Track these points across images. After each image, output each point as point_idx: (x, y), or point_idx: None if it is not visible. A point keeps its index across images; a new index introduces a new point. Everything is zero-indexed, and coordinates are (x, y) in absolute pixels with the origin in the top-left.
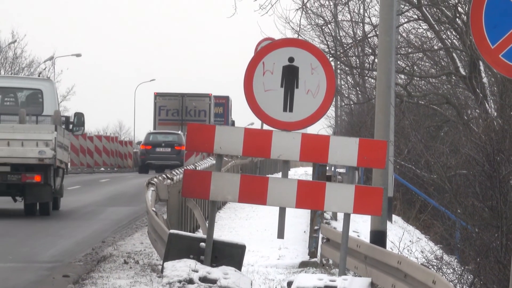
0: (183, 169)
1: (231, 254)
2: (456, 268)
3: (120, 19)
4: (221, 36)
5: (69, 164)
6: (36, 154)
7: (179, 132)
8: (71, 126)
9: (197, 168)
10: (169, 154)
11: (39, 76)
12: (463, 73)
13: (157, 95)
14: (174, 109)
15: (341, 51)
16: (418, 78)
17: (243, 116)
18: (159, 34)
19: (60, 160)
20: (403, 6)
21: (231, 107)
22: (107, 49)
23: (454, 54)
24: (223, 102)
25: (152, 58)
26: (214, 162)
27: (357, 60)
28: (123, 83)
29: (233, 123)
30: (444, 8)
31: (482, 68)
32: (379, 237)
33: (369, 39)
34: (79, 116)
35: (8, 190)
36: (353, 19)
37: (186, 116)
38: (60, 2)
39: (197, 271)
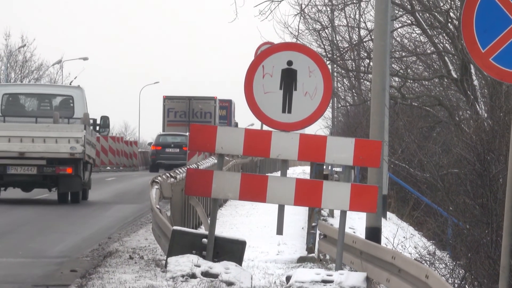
0: (186, 168)
1: (232, 250)
2: (448, 263)
3: (125, 24)
4: (222, 40)
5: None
6: (68, 149)
7: (187, 134)
8: (97, 127)
9: (200, 167)
10: (177, 154)
11: (70, 84)
12: (455, 76)
13: (166, 98)
14: (182, 111)
15: (337, 54)
16: (411, 81)
17: (243, 117)
18: (162, 38)
19: (88, 155)
20: (397, 12)
21: (234, 110)
22: (113, 53)
23: (446, 58)
24: (226, 105)
25: (156, 61)
26: (216, 161)
27: (353, 63)
28: (128, 85)
29: (236, 125)
30: (436, 14)
31: (473, 71)
32: (374, 233)
33: (364, 43)
34: (105, 119)
35: (44, 181)
36: (349, 24)
37: (193, 117)
38: (67, 8)
39: (199, 266)
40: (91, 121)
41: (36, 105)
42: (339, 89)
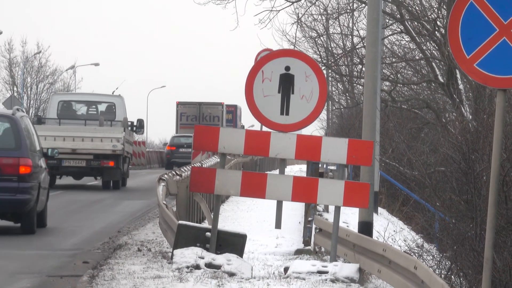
0: (190, 167)
1: (233, 243)
2: (435, 255)
3: (134, 33)
4: (224, 47)
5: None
6: (111, 147)
7: None
8: (134, 128)
9: (203, 166)
10: (189, 153)
11: (113, 93)
12: (442, 80)
13: (179, 104)
14: (193, 115)
15: (332, 60)
16: (401, 85)
17: (244, 118)
18: (168, 45)
19: (127, 151)
20: (387, 20)
21: (240, 114)
22: (122, 59)
23: (433, 64)
24: (232, 110)
25: (162, 66)
26: (219, 160)
27: (347, 68)
28: (136, 89)
29: (242, 128)
30: (424, 22)
31: (458, 76)
32: (366, 227)
33: (357, 50)
34: (141, 121)
35: (91, 171)
36: (343, 32)
37: (203, 121)
38: (80, 17)
39: (203, 258)
40: (129, 123)
41: (85, 110)
42: (334, 92)
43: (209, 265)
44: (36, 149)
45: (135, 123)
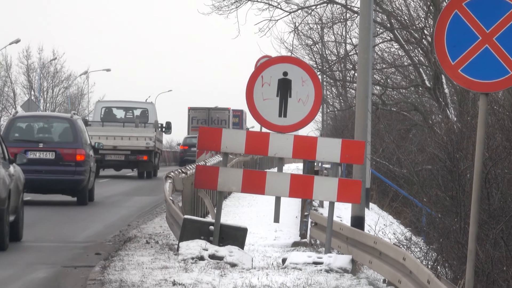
0: (195, 165)
1: (235, 236)
2: (422, 247)
3: (143, 39)
4: (227, 53)
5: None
6: (144, 144)
7: None
8: (163, 129)
9: (207, 164)
10: None
11: (146, 101)
12: (428, 85)
13: (190, 109)
14: (203, 119)
15: (327, 66)
16: (391, 89)
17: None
18: (174, 52)
19: (157, 148)
20: (378, 29)
21: (246, 118)
22: (132, 65)
23: (421, 69)
24: (239, 114)
25: (169, 72)
26: (221, 159)
27: (340, 74)
28: (145, 93)
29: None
30: (412, 31)
31: (444, 81)
32: (358, 221)
33: (350, 57)
34: (168, 124)
35: (129, 164)
36: (337, 40)
37: (211, 124)
38: (93, 26)
39: (207, 250)
40: (159, 125)
41: (123, 115)
42: (328, 96)
43: (212, 257)
44: (87, 143)
45: (164, 125)
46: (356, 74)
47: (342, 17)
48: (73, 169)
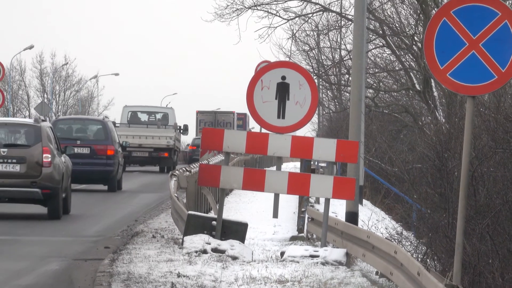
0: (199, 164)
1: (236, 230)
2: (413, 241)
3: (149, 45)
4: (228, 58)
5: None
6: (165, 143)
7: None
8: (181, 130)
9: (210, 163)
10: None
11: (166, 106)
12: (418, 88)
13: (198, 112)
14: (209, 121)
15: (322, 71)
16: (383, 92)
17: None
18: (179, 56)
19: (176, 146)
20: (371, 36)
21: (249, 120)
22: (139, 69)
23: (411, 74)
24: (242, 117)
25: (174, 75)
26: (223, 158)
27: (335, 78)
28: (151, 96)
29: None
30: (403, 38)
31: (433, 84)
32: (352, 217)
33: (344, 62)
34: (186, 126)
35: (152, 160)
36: (332, 46)
37: (217, 126)
38: (102, 32)
39: (209, 244)
40: (178, 127)
41: (147, 118)
42: (324, 99)
43: (215, 250)
44: (116, 141)
45: (181, 127)
46: (350, 78)
47: (337, 25)
48: (104, 162)
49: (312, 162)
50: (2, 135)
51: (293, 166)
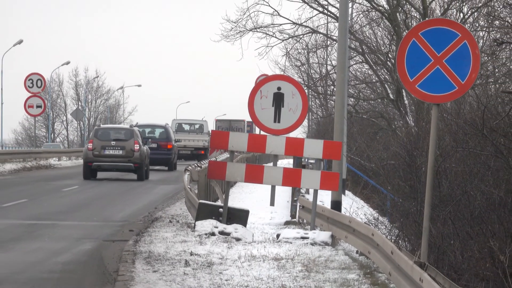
0: (208, 160)
1: (239, 216)
2: (387, 225)
3: (166, 61)
4: (232, 72)
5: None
6: (202, 144)
7: None
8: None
9: (217, 160)
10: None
11: (202, 119)
12: (392, 97)
13: (217, 120)
14: (225, 127)
15: (312, 83)
16: (362, 101)
17: None
18: (191, 70)
19: (207, 146)
20: (352, 53)
21: (255, 127)
22: (158, 81)
23: (386, 85)
24: (250, 124)
25: (187, 86)
26: (228, 155)
27: (322, 88)
28: (168, 104)
29: None
30: (379, 55)
31: (404, 94)
32: (336, 205)
33: (330, 75)
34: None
35: (192, 156)
36: (320, 62)
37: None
38: (128, 49)
39: (217, 227)
40: (209, 133)
41: (189, 128)
42: (313, 106)
43: (221, 233)
44: (173, 139)
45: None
46: (335, 88)
47: (324, 44)
48: (165, 152)
49: (302, 159)
50: (112, 134)
51: (287, 163)
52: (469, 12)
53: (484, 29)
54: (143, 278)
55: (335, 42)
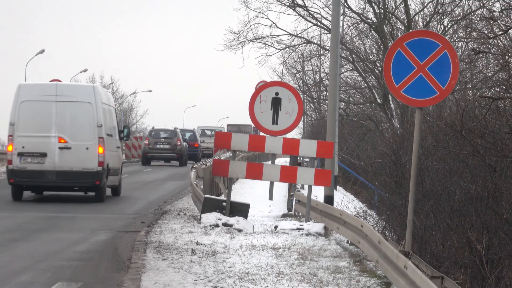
0: (212, 159)
1: (241, 209)
2: (375, 218)
3: (173, 68)
4: (234, 79)
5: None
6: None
7: None
8: None
9: (221, 158)
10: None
11: (220, 126)
12: (379, 101)
13: (228, 125)
14: (235, 131)
15: (306, 88)
16: (352, 105)
17: None
18: (197, 78)
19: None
20: (343, 62)
21: (259, 132)
22: (168, 86)
23: (374, 90)
24: (256, 129)
25: (194, 92)
26: (231, 154)
27: (316, 94)
28: (176, 108)
29: None
30: (368, 63)
31: (390, 98)
32: (329, 199)
33: (323, 82)
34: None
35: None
36: (314, 70)
37: None
38: (139, 57)
39: (220, 219)
40: None
41: (210, 133)
42: (307, 109)
43: (224, 224)
44: (199, 140)
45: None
46: (327, 94)
47: (318, 53)
48: (194, 149)
49: (298, 158)
50: (162, 133)
51: (284, 161)
52: (449, 24)
53: (463, 40)
54: (153, 265)
55: (327, 51)
